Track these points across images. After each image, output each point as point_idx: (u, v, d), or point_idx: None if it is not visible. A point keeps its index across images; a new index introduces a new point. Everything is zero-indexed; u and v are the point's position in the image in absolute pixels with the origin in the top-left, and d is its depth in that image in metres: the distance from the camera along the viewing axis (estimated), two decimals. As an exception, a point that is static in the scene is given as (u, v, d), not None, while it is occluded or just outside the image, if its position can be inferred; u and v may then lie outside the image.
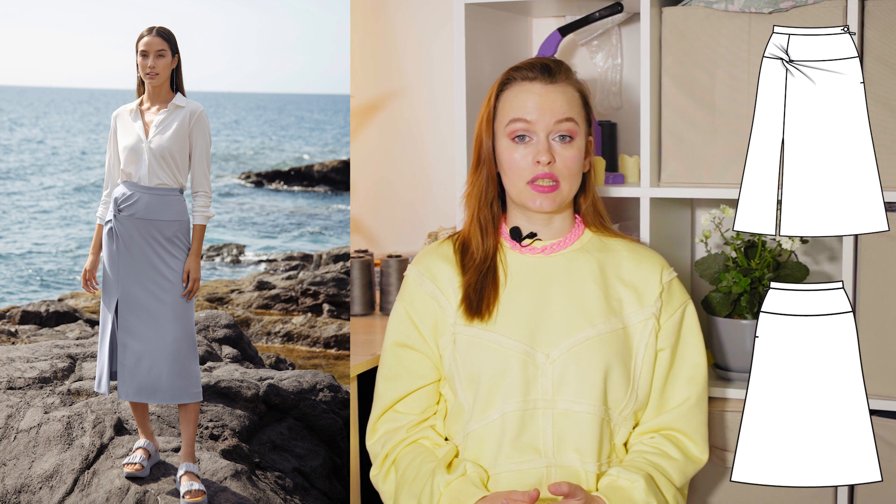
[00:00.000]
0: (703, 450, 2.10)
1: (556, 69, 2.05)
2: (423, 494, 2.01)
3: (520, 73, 2.05)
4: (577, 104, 2.04)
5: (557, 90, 2.03)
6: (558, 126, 2.01)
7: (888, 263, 2.28)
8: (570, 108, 2.02)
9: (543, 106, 2.01)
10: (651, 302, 2.07)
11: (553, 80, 2.03)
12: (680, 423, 2.08)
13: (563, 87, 2.03)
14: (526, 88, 2.03)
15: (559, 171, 2.01)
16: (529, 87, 2.03)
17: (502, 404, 2.02)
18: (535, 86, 2.03)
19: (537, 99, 2.02)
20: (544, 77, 2.03)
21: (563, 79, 2.04)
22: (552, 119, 2.01)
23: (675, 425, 2.08)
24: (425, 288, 2.11)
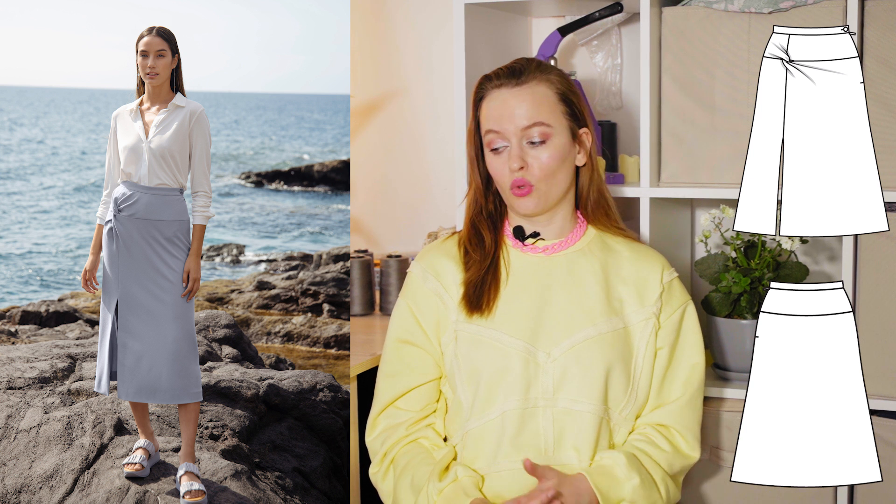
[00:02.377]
0: (693, 447, 2.10)
1: (524, 69, 2.03)
2: (420, 499, 2.01)
3: (490, 82, 2.05)
4: (549, 102, 2.02)
5: (525, 93, 2.01)
6: (527, 131, 2.00)
7: (888, 263, 2.28)
8: (538, 111, 2.00)
9: (510, 113, 2.00)
10: (652, 302, 2.07)
11: (520, 82, 2.01)
12: (671, 419, 2.08)
13: (531, 88, 2.01)
14: (494, 97, 2.03)
15: (532, 175, 2.00)
16: (497, 95, 2.02)
17: (503, 402, 2.02)
18: (501, 93, 2.02)
19: (504, 107, 2.01)
20: (510, 81, 2.02)
21: (531, 78, 2.02)
22: (518, 126, 2.00)
23: (666, 421, 2.09)
24: (429, 285, 2.11)
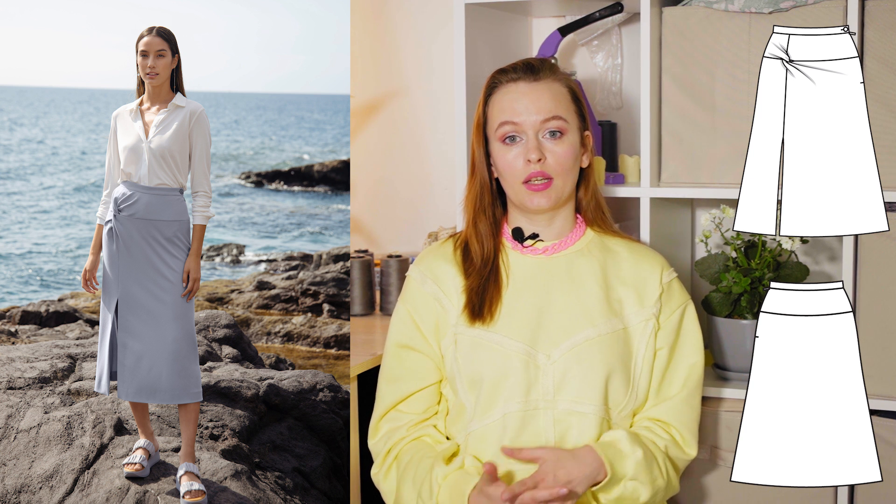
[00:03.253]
0: (689, 444, 2.10)
1: (539, 67, 2.05)
2: (423, 488, 2.01)
3: (505, 76, 2.06)
4: (565, 100, 2.04)
5: (542, 87, 2.02)
6: (546, 124, 2.01)
7: (888, 263, 2.28)
8: (556, 105, 2.02)
9: (529, 106, 2.01)
10: (651, 303, 2.07)
11: (537, 78, 2.03)
12: (668, 415, 2.09)
13: (548, 84, 2.03)
14: (511, 90, 2.04)
15: (551, 168, 2.01)
16: (514, 88, 2.04)
17: (504, 405, 2.02)
18: (519, 86, 2.03)
19: (522, 99, 2.02)
20: (528, 76, 2.03)
21: (547, 75, 2.04)
22: (539, 117, 2.01)
23: (664, 417, 2.09)
24: (427, 288, 2.11)
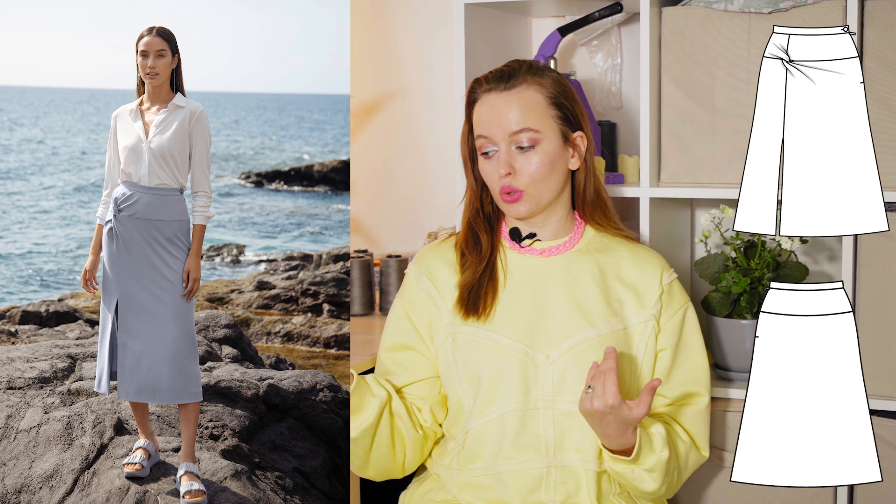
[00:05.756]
0: (704, 447, 2.12)
1: (514, 73, 2.01)
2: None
3: (480, 87, 2.03)
4: (539, 107, 2.00)
5: (512, 98, 1.99)
6: (515, 137, 1.99)
7: (888, 263, 2.28)
8: (525, 116, 1.98)
9: (498, 118, 1.99)
10: (651, 303, 2.07)
11: (509, 87, 2.00)
12: (687, 420, 2.09)
13: (520, 93, 1.99)
14: (483, 101, 2.02)
15: (520, 181, 1.99)
16: (486, 100, 2.01)
17: (501, 404, 2.02)
18: (490, 97, 2.01)
19: (491, 112, 2.00)
20: (500, 85, 2.00)
21: (521, 82, 2.00)
22: (506, 132, 1.99)
23: (684, 422, 2.09)
24: (422, 285, 2.11)
